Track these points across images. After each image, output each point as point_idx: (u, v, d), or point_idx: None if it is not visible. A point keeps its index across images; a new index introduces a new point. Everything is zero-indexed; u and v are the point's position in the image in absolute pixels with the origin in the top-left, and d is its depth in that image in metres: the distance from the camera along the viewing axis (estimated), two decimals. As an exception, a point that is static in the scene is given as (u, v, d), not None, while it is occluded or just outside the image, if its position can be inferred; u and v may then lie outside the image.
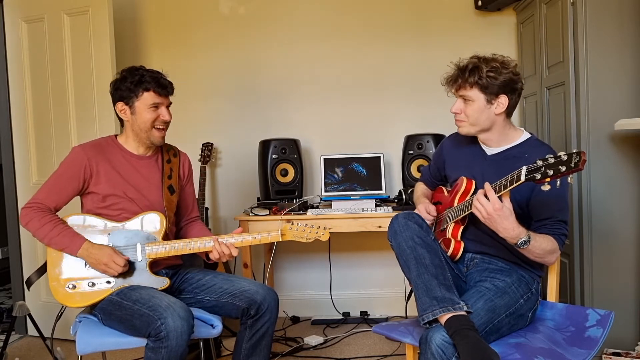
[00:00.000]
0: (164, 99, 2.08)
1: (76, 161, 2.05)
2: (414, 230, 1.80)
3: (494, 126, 1.91)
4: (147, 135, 2.09)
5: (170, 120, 2.11)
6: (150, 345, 1.80)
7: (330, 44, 3.51)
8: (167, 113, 2.09)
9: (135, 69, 2.07)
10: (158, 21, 3.58)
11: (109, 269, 1.95)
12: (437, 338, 1.60)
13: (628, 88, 2.41)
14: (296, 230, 2.10)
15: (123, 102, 2.07)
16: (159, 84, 2.04)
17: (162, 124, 2.09)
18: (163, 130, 2.11)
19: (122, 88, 2.06)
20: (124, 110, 2.08)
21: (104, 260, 1.94)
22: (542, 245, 1.74)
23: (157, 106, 2.06)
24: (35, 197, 2.04)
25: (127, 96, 2.05)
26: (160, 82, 2.05)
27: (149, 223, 2.06)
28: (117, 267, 1.94)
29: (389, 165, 3.46)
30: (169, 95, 2.10)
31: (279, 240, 2.07)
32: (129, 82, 2.04)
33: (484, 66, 1.84)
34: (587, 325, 1.82)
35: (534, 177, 1.52)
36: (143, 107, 2.05)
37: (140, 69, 2.07)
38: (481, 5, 3.34)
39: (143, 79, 2.03)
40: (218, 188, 3.63)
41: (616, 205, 2.45)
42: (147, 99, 2.05)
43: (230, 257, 2.06)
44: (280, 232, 2.07)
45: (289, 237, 2.09)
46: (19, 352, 3.04)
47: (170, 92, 2.10)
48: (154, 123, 2.07)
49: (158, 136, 2.10)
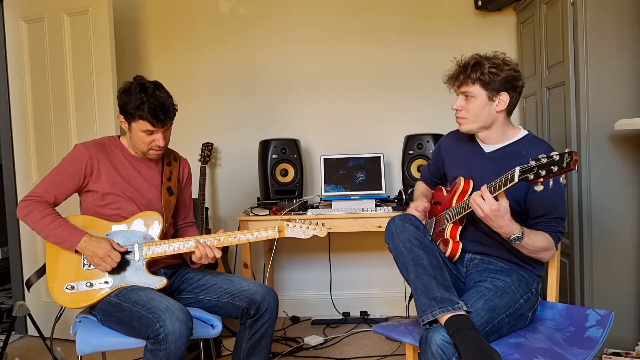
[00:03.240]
0: (159, 128, 2.02)
1: (78, 158, 2.06)
2: (411, 232, 1.80)
3: (495, 124, 1.91)
4: (142, 152, 2.10)
5: (165, 144, 2.07)
6: (149, 347, 1.80)
7: (330, 44, 3.51)
8: (161, 138, 2.04)
9: (142, 90, 1.99)
10: (158, 21, 3.58)
11: (104, 262, 1.95)
12: (437, 338, 1.60)
13: (628, 88, 2.40)
14: (293, 227, 2.10)
15: (123, 116, 2.05)
16: (154, 116, 1.97)
17: (156, 147, 2.07)
18: (159, 151, 2.09)
19: (124, 103, 2.02)
20: (123, 123, 2.07)
21: (99, 254, 1.94)
22: (536, 243, 1.75)
23: (152, 132, 2.03)
24: (35, 191, 2.03)
25: (126, 114, 2.03)
26: (156, 115, 1.97)
27: (147, 223, 2.07)
28: (112, 262, 1.95)
29: (389, 165, 3.46)
30: (166, 125, 2.03)
31: (277, 237, 2.07)
32: (130, 102, 1.99)
33: (486, 62, 1.85)
34: (587, 326, 1.82)
35: (527, 178, 1.53)
36: (138, 130, 2.03)
37: (144, 93, 1.98)
38: (481, 5, 3.34)
39: (142, 106, 1.97)
40: (218, 188, 3.63)
41: (616, 205, 2.44)
42: (142, 125, 2.01)
43: (212, 260, 2.04)
44: (277, 229, 2.07)
45: (287, 233, 2.09)
46: (19, 352, 3.04)
47: (167, 123, 2.02)
48: (149, 145, 2.06)
49: (153, 154, 2.10)
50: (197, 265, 2.13)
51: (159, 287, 2.01)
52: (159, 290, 2.00)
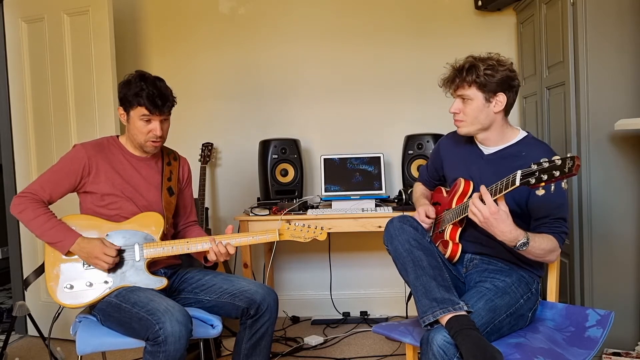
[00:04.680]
0: (156, 116, 2.04)
1: (76, 158, 2.06)
2: (410, 233, 1.81)
3: (493, 125, 1.91)
4: (140, 145, 2.10)
5: (161, 135, 2.07)
6: (149, 349, 1.80)
7: (330, 44, 3.51)
8: (159, 128, 2.05)
9: (140, 78, 2.03)
10: (158, 21, 3.58)
11: (101, 261, 1.95)
12: (438, 339, 1.60)
13: (628, 88, 2.40)
14: (294, 230, 2.10)
15: (122, 107, 2.08)
16: (152, 102, 2.00)
17: (154, 137, 2.07)
18: (156, 143, 2.09)
19: (123, 93, 2.05)
20: (123, 115, 2.09)
21: (95, 253, 1.94)
22: (542, 245, 1.74)
23: (149, 120, 2.04)
24: (30, 188, 2.03)
25: (125, 103, 2.06)
26: (154, 101, 2.00)
27: (147, 223, 2.07)
28: (109, 257, 1.95)
29: (389, 165, 3.46)
30: (164, 114, 2.05)
31: (277, 240, 2.07)
32: (129, 91, 2.03)
33: (480, 64, 1.85)
34: (587, 325, 1.82)
35: (529, 182, 1.52)
36: (136, 118, 2.04)
37: (143, 81, 2.02)
38: (481, 5, 3.34)
39: (140, 93, 2.00)
40: (218, 188, 3.63)
41: (616, 205, 2.44)
42: (139, 111, 2.03)
43: (227, 257, 2.06)
44: (277, 232, 2.07)
45: (287, 236, 2.10)
46: (19, 352, 3.04)
47: (164, 110, 2.04)
48: (147, 135, 2.06)
49: (151, 146, 2.10)
50: (212, 264, 2.14)
51: (159, 288, 2.01)
52: (159, 290, 2.00)
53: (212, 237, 2.06)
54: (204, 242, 2.06)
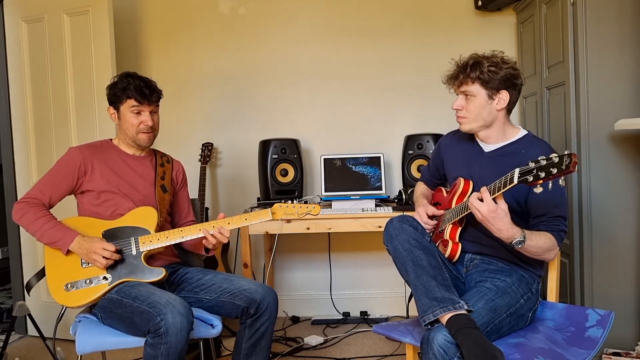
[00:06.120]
0: (145, 107, 2.13)
1: (71, 160, 2.11)
2: (410, 233, 1.81)
3: (495, 122, 1.91)
4: (133, 138, 2.16)
5: (152, 125, 2.16)
6: (150, 341, 1.81)
7: (330, 44, 3.51)
8: (149, 119, 2.14)
9: (126, 76, 2.15)
10: (158, 21, 3.58)
11: (100, 256, 1.96)
12: (439, 338, 1.60)
13: (628, 88, 2.41)
14: (287, 208, 2.11)
15: (112, 106, 2.17)
16: (140, 93, 2.10)
17: (146, 128, 2.15)
18: (149, 134, 2.16)
19: (111, 93, 2.16)
20: (113, 114, 2.19)
21: (93, 249, 1.96)
22: (539, 244, 1.74)
23: (139, 112, 2.13)
24: (29, 193, 2.08)
25: (114, 101, 2.16)
26: (142, 91, 2.10)
27: (142, 217, 2.10)
28: (108, 252, 1.96)
29: (389, 165, 3.46)
30: (153, 104, 2.15)
31: (270, 219, 2.09)
32: (117, 88, 2.13)
33: (484, 61, 1.86)
34: (587, 326, 1.82)
35: (527, 180, 1.53)
36: (126, 111, 2.13)
37: (129, 77, 2.14)
38: (481, 5, 3.34)
39: (128, 87, 2.10)
40: (218, 188, 3.63)
41: (616, 205, 2.44)
42: (129, 103, 2.12)
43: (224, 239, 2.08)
44: (270, 212, 2.08)
45: (280, 215, 2.10)
46: (19, 352, 3.04)
47: (152, 100, 2.14)
48: (139, 127, 2.14)
49: (144, 138, 2.17)
50: (213, 251, 2.19)
51: (159, 279, 2.02)
52: (159, 282, 2.02)
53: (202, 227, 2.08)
54: (197, 229, 2.08)
